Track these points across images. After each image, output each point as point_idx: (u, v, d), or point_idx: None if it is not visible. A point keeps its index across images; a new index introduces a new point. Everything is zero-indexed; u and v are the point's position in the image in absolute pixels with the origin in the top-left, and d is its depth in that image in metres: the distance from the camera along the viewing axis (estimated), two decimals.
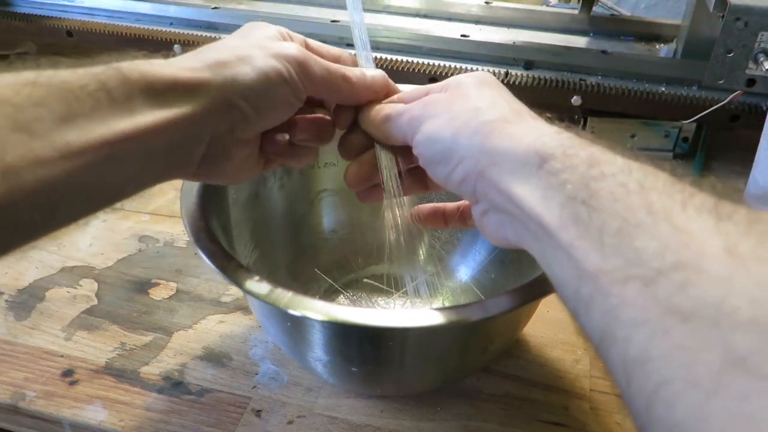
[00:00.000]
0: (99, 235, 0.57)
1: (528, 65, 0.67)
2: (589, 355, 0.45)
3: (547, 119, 0.30)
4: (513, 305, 0.32)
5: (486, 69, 0.66)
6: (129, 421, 0.40)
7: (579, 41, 0.72)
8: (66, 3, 0.82)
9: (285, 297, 0.31)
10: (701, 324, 0.17)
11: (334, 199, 0.52)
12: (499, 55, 0.68)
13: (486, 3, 0.78)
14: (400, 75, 0.68)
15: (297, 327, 0.36)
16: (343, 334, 0.35)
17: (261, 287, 0.32)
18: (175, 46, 0.75)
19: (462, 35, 0.70)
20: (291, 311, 0.31)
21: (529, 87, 0.65)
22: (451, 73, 0.67)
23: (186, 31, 0.75)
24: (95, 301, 0.50)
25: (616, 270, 0.21)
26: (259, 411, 0.41)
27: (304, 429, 0.40)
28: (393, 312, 0.31)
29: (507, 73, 0.66)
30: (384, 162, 0.36)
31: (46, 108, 0.24)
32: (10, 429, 0.43)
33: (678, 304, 0.18)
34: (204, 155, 0.31)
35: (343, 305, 0.41)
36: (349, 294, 0.50)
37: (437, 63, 0.67)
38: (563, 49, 0.68)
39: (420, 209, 0.39)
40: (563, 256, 0.23)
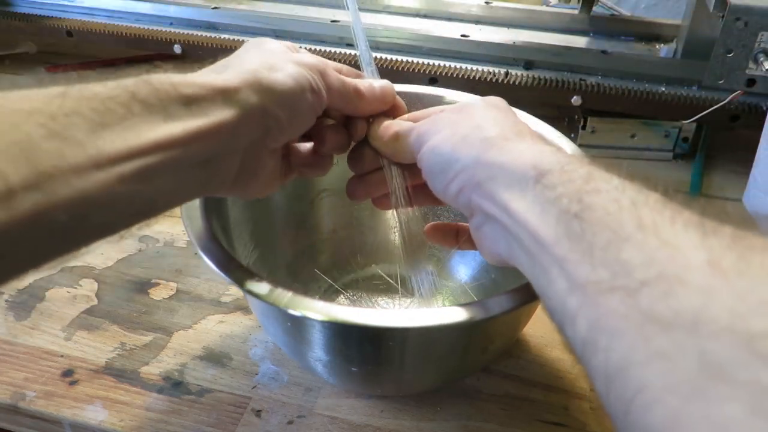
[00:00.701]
0: None
1: (528, 65, 0.67)
2: None
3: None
4: (513, 305, 0.32)
5: (486, 69, 0.66)
6: (129, 421, 0.40)
7: (579, 41, 0.72)
8: (66, 3, 0.82)
9: (285, 297, 0.31)
10: (680, 332, 0.18)
11: (334, 199, 0.52)
12: (499, 55, 0.68)
13: (486, 3, 0.78)
14: (400, 75, 0.68)
15: (297, 327, 0.36)
16: (343, 334, 0.35)
17: (261, 287, 0.32)
18: (175, 46, 0.75)
19: (462, 35, 0.70)
20: (291, 311, 0.31)
21: (529, 87, 0.65)
22: (451, 73, 0.67)
23: (186, 31, 0.75)
24: (95, 301, 0.50)
25: (602, 281, 0.21)
26: (259, 411, 0.41)
27: (304, 429, 0.40)
28: (393, 312, 0.31)
29: (507, 73, 0.66)
30: (393, 178, 0.37)
31: (78, 117, 0.23)
32: (10, 429, 0.43)
33: (659, 313, 0.19)
34: (240, 166, 0.30)
35: (343, 305, 0.41)
36: (349, 294, 0.51)
37: (437, 63, 0.67)
38: (563, 49, 0.68)
39: (433, 225, 0.40)
40: (555, 269, 0.23)
